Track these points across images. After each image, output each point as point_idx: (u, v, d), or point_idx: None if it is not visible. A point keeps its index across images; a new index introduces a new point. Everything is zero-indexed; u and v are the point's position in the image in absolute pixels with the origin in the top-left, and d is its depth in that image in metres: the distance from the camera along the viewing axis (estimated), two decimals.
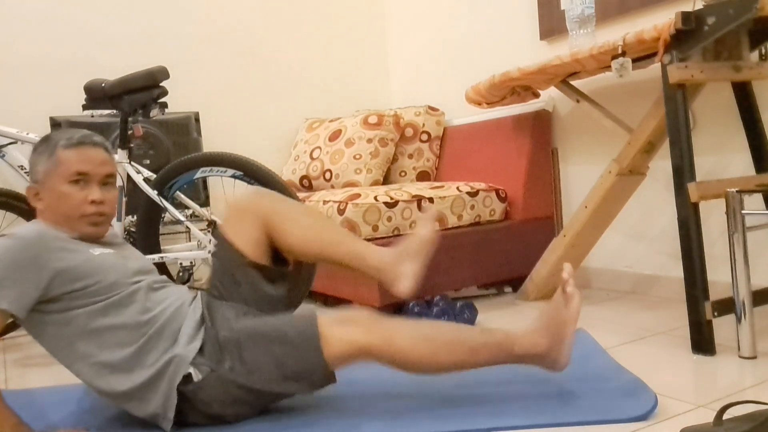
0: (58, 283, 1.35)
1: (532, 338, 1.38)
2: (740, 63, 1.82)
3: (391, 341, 1.34)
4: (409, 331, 1.37)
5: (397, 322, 1.38)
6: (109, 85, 2.24)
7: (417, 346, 1.35)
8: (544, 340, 1.38)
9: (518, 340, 1.38)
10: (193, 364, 1.34)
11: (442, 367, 1.38)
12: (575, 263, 2.42)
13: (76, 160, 1.45)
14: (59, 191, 1.44)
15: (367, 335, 1.34)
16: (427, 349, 1.35)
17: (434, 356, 1.35)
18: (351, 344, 1.33)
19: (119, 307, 1.38)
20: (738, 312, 1.60)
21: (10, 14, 2.79)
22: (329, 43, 3.55)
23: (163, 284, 1.50)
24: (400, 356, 1.34)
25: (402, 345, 1.34)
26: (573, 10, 2.12)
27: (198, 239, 2.26)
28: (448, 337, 1.37)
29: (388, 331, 1.35)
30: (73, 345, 1.37)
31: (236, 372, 1.33)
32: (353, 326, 1.35)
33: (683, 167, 1.69)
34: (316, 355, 1.33)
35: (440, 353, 1.35)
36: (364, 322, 1.36)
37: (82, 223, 1.46)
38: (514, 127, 2.74)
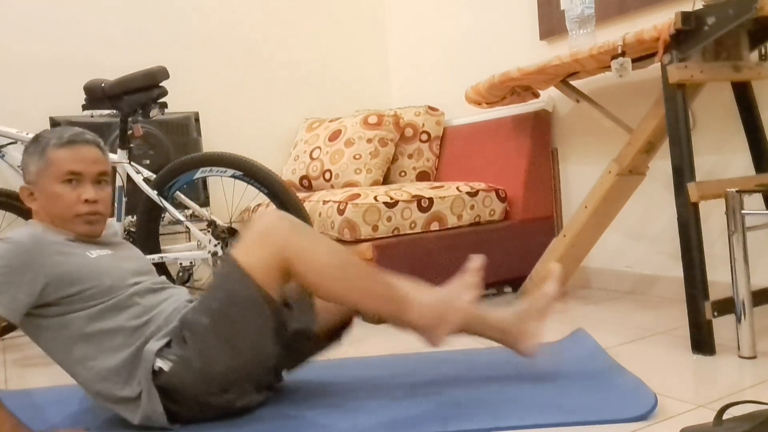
0: (53, 288, 1.34)
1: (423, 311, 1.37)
2: (740, 63, 1.82)
3: (306, 249, 1.32)
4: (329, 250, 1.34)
5: (316, 233, 1.37)
6: (109, 85, 2.24)
7: (325, 265, 1.32)
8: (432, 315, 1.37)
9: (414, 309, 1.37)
10: (161, 356, 1.32)
11: (334, 295, 1.35)
12: (575, 263, 2.42)
13: (68, 159, 1.43)
14: (52, 191, 1.43)
15: (283, 236, 1.32)
16: (332, 273, 1.33)
17: (335, 282, 1.33)
18: (270, 256, 1.31)
19: (115, 310, 1.37)
20: (738, 312, 1.60)
21: (10, 14, 2.79)
22: (329, 43, 3.55)
23: (161, 286, 1.49)
24: (313, 272, 1.32)
25: (316, 260, 1.32)
26: (573, 10, 2.12)
27: (198, 239, 2.26)
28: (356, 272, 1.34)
29: (306, 237, 1.33)
30: (70, 349, 1.36)
31: (193, 345, 1.31)
32: (266, 245, 1.32)
33: (683, 167, 1.69)
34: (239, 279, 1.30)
35: (341, 281, 1.33)
36: (277, 237, 1.32)
37: (76, 223, 1.45)
38: (514, 127, 2.74)
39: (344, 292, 1.34)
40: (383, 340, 2.03)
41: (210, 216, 2.27)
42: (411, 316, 1.36)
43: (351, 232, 2.32)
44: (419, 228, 2.44)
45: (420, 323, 1.37)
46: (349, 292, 1.34)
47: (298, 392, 1.55)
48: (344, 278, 1.34)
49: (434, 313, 1.37)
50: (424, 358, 1.77)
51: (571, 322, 2.09)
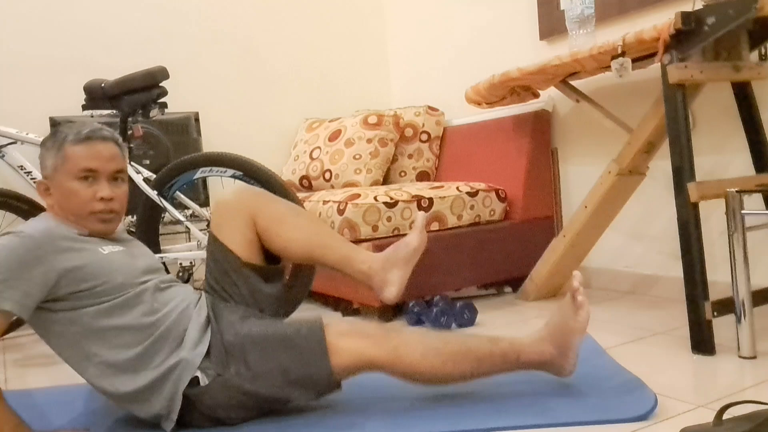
0: (65, 284, 1.34)
1: (539, 346, 1.39)
2: (740, 63, 1.83)
3: (399, 354, 1.34)
4: (417, 343, 1.36)
5: (404, 334, 1.39)
6: (109, 85, 2.24)
7: (425, 358, 1.35)
8: (550, 348, 1.39)
9: (524, 349, 1.39)
10: (200, 368, 1.33)
11: (450, 378, 1.38)
12: (575, 263, 2.42)
13: (84, 155, 1.42)
14: (67, 188, 1.42)
15: (374, 348, 1.34)
16: (436, 361, 1.35)
17: (442, 368, 1.36)
18: (358, 356, 1.33)
19: (125, 307, 1.37)
20: (738, 312, 1.60)
21: (10, 14, 2.79)
22: (329, 43, 3.55)
23: (169, 284, 1.49)
24: (409, 369, 1.35)
25: (410, 358, 1.34)
26: (573, 10, 2.12)
27: (198, 239, 2.26)
28: (456, 348, 1.37)
29: (396, 343, 1.35)
30: (78, 344, 1.36)
31: (242, 377, 1.33)
32: (361, 338, 1.35)
33: (683, 167, 1.69)
34: (322, 364, 1.33)
35: (448, 365, 1.36)
36: (372, 334, 1.36)
37: (91, 220, 1.44)
38: (513, 127, 2.74)
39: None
40: None
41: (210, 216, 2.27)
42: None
43: (351, 232, 2.32)
44: None
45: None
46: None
47: None
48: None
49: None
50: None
51: None
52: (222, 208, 1.53)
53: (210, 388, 1.33)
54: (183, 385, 1.32)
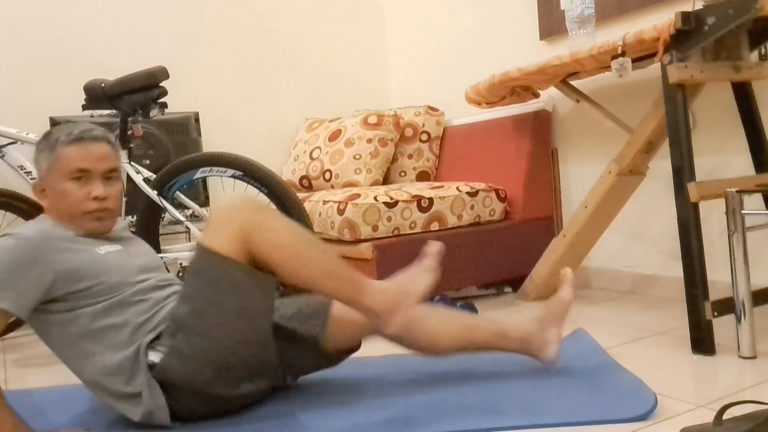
0: (61, 284, 1.35)
1: (377, 295, 1.36)
2: (740, 63, 1.83)
3: (266, 228, 1.30)
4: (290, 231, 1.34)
5: (277, 214, 1.36)
6: (109, 85, 2.24)
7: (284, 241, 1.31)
8: (387, 300, 1.36)
9: (369, 293, 1.36)
10: (153, 348, 1.33)
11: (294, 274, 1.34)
12: (575, 263, 2.42)
13: (76, 156, 1.43)
14: (61, 188, 1.43)
15: (244, 216, 1.31)
16: (291, 251, 1.32)
17: (293, 260, 1.32)
18: (227, 230, 1.30)
19: (121, 307, 1.38)
20: (738, 312, 1.60)
21: (10, 14, 2.79)
22: (329, 43, 3.55)
23: (167, 282, 1.49)
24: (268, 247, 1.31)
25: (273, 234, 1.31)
26: (573, 10, 2.12)
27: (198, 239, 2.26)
28: (315, 252, 1.34)
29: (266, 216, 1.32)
30: (76, 344, 1.37)
31: (181, 335, 1.31)
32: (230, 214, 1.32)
33: (683, 167, 1.69)
34: (209, 258, 1.29)
35: (300, 259, 1.32)
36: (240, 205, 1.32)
37: (85, 220, 1.45)
38: (513, 127, 2.74)
39: (303, 270, 1.33)
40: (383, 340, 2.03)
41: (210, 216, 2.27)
42: (365, 300, 1.35)
43: (351, 232, 2.32)
44: (419, 228, 2.44)
45: (374, 307, 1.36)
46: (308, 270, 1.33)
47: (299, 391, 1.55)
48: (304, 256, 1.33)
49: (389, 298, 1.37)
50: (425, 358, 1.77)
51: (571, 322, 2.09)
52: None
53: (165, 362, 1.31)
54: (145, 368, 1.31)
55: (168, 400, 1.33)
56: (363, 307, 1.36)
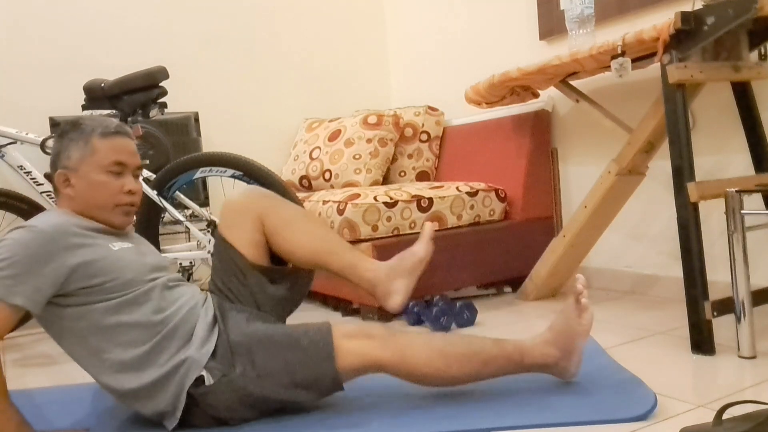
0: (75, 279, 1.34)
1: (542, 349, 1.40)
2: (740, 63, 1.83)
3: (405, 356, 1.35)
4: (423, 345, 1.38)
5: (410, 336, 1.40)
6: (109, 85, 2.24)
7: (431, 360, 1.36)
8: (554, 350, 1.40)
9: (528, 352, 1.40)
10: (206, 367, 1.33)
11: (454, 380, 1.40)
12: (575, 263, 2.42)
13: (114, 149, 1.45)
14: (96, 180, 1.43)
15: (380, 350, 1.35)
16: (440, 363, 1.36)
17: (447, 370, 1.37)
18: (364, 358, 1.34)
19: (134, 304, 1.37)
20: (737, 312, 1.60)
21: (10, 14, 2.79)
22: (329, 43, 3.55)
23: (177, 282, 1.49)
24: (414, 371, 1.36)
25: (416, 360, 1.36)
26: (572, 10, 2.12)
27: (197, 239, 2.26)
28: (461, 350, 1.38)
29: (402, 345, 1.36)
30: (86, 340, 1.36)
31: (247, 377, 1.33)
32: (367, 340, 1.36)
33: (683, 167, 1.69)
34: (328, 365, 1.34)
35: (453, 367, 1.37)
36: (377, 336, 1.37)
37: (115, 213, 1.46)
38: (513, 127, 2.74)
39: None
40: None
41: (210, 216, 2.27)
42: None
43: (351, 232, 2.32)
44: (419, 228, 2.44)
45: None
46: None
47: None
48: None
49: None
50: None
51: None
52: (231, 208, 1.54)
53: (215, 387, 1.33)
54: (188, 384, 1.32)
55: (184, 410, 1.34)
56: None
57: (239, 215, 1.52)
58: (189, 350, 1.35)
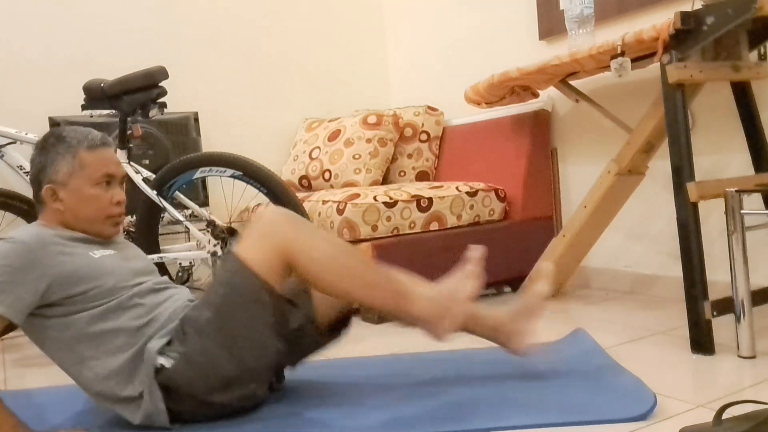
0: (57, 288, 1.34)
1: (424, 303, 1.39)
2: (739, 63, 1.83)
3: (312, 242, 1.34)
4: (329, 240, 1.37)
5: (319, 229, 1.40)
6: (108, 85, 2.24)
7: (331, 258, 1.34)
8: (433, 306, 1.39)
9: (416, 301, 1.38)
10: (162, 353, 1.33)
11: (346, 293, 1.37)
12: (575, 263, 2.42)
13: (103, 162, 1.46)
14: (87, 193, 1.44)
15: (287, 227, 1.34)
16: (340, 263, 1.35)
17: (341, 274, 1.35)
18: (271, 242, 1.33)
19: (118, 311, 1.37)
20: (737, 312, 1.60)
21: (10, 14, 2.79)
22: (329, 43, 3.55)
23: (164, 286, 1.49)
24: (312, 263, 1.33)
25: (318, 253, 1.34)
26: (572, 10, 2.12)
27: (197, 239, 2.26)
28: (357, 262, 1.37)
29: (311, 229, 1.36)
30: (72, 349, 1.36)
31: (202, 344, 1.31)
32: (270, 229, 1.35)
33: (682, 167, 1.69)
34: (245, 275, 1.32)
35: (346, 274, 1.35)
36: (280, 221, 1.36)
37: (106, 224, 1.47)
38: (513, 127, 2.74)
39: (345, 284, 1.35)
40: (383, 340, 2.03)
41: (209, 216, 2.27)
42: (413, 309, 1.38)
43: (350, 232, 2.32)
44: (419, 228, 2.44)
45: (423, 316, 1.38)
46: (351, 284, 1.35)
47: (299, 392, 1.55)
48: (345, 270, 1.35)
49: (437, 305, 1.39)
50: (424, 358, 1.77)
51: (571, 322, 2.09)
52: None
53: (175, 367, 1.32)
54: (151, 373, 1.31)
55: (168, 403, 1.33)
56: (412, 317, 1.39)
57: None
58: (149, 343, 1.35)
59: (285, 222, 1.36)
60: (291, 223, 1.36)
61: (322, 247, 1.35)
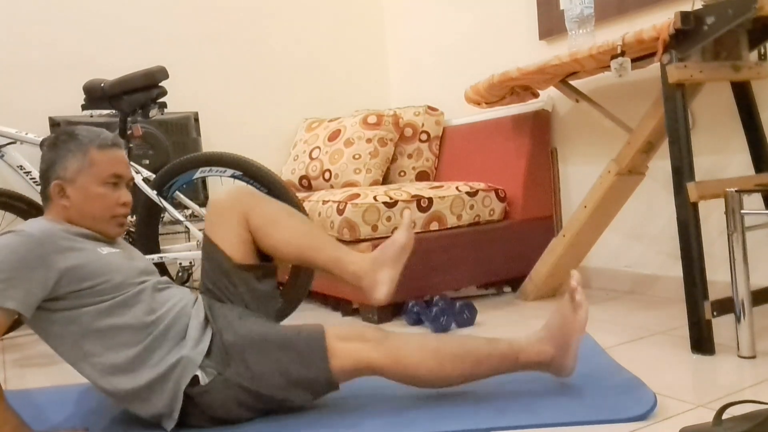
0: (66, 282, 1.34)
1: (537, 347, 1.40)
2: (739, 63, 1.83)
3: (398, 358, 1.35)
4: (416, 346, 1.38)
5: (403, 338, 1.40)
6: (109, 85, 2.24)
7: (424, 361, 1.36)
8: (550, 348, 1.40)
9: (523, 349, 1.40)
10: (200, 367, 1.34)
11: (448, 380, 1.40)
12: (574, 263, 2.42)
13: (113, 161, 1.47)
14: (93, 191, 1.45)
15: (374, 352, 1.35)
16: (433, 364, 1.36)
17: (440, 370, 1.37)
18: (357, 360, 1.35)
19: (125, 307, 1.38)
20: (737, 312, 1.60)
21: (9, 14, 2.79)
22: (329, 43, 3.55)
23: (166, 285, 1.50)
24: (407, 372, 1.36)
25: (408, 361, 1.36)
26: (572, 10, 2.12)
27: (197, 239, 2.26)
28: (454, 351, 1.38)
29: (395, 347, 1.36)
30: (78, 344, 1.37)
31: (241, 376, 1.33)
32: (360, 341, 1.36)
33: (682, 167, 1.69)
34: (322, 366, 1.34)
35: (446, 367, 1.37)
36: (371, 338, 1.37)
37: (111, 224, 1.48)
38: (513, 127, 2.74)
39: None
40: None
41: None
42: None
43: (350, 232, 2.32)
44: (419, 228, 2.44)
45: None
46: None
47: None
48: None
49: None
50: None
51: None
52: (216, 207, 1.53)
53: (210, 387, 1.33)
54: (184, 384, 1.32)
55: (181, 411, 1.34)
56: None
57: (224, 214, 1.51)
58: (183, 350, 1.35)
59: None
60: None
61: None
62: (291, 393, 1.36)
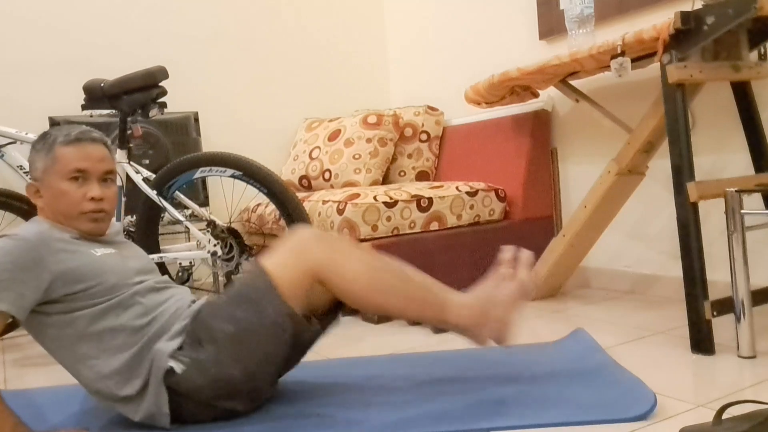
0: (59, 285, 1.34)
1: (458, 310, 1.42)
2: (739, 63, 1.83)
3: (335, 259, 1.36)
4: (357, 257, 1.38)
5: (349, 244, 1.40)
6: (108, 84, 2.24)
7: (358, 275, 1.36)
8: (468, 314, 1.41)
9: (450, 309, 1.41)
10: (173, 357, 1.33)
11: (378, 307, 1.40)
12: (574, 263, 2.42)
13: (75, 156, 1.44)
14: (58, 188, 1.43)
15: (313, 245, 1.36)
16: (366, 282, 1.37)
17: (371, 292, 1.37)
18: (296, 262, 1.35)
19: (119, 309, 1.38)
20: (737, 311, 1.60)
21: (9, 14, 2.79)
22: (329, 43, 3.55)
23: (164, 285, 1.49)
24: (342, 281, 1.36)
25: (345, 269, 1.36)
26: (572, 9, 2.12)
27: (197, 239, 2.26)
28: (392, 282, 1.39)
29: (336, 247, 1.37)
30: (73, 347, 1.36)
31: (215, 353, 1.32)
32: (299, 241, 1.37)
33: (682, 167, 1.69)
34: (276, 302, 1.33)
35: (378, 291, 1.38)
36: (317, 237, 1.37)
37: (81, 221, 1.45)
38: (513, 127, 2.74)
39: (382, 301, 1.39)
40: (383, 340, 2.03)
41: (209, 216, 2.27)
42: (450, 318, 1.41)
43: (350, 232, 2.32)
44: (419, 228, 2.44)
45: (460, 323, 1.42)
46: (387, 300, 1.40)
47: (298, 392, 1.55)
48: (380, 287, 1.39)
49: (473, 311, 1.42)
50: (424, 357, 1.77)
51: (571, 321, 2.09)
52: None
53: (186, 373, 1.32)
54: (160, 375, 1.32)
55: (171, 405, 1.34)
56: (451, 326, 1.42)
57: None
58: (158, 344, 1.35)
59: (317, 242, 1.38)
60: (323, 243, 1.38)
61: (354, 267, 1.37)
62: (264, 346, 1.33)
